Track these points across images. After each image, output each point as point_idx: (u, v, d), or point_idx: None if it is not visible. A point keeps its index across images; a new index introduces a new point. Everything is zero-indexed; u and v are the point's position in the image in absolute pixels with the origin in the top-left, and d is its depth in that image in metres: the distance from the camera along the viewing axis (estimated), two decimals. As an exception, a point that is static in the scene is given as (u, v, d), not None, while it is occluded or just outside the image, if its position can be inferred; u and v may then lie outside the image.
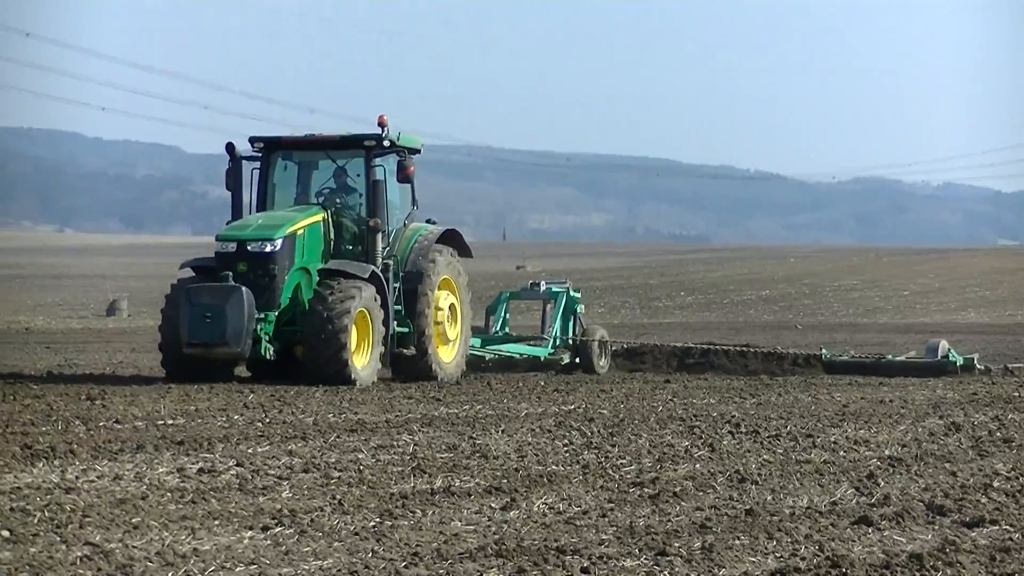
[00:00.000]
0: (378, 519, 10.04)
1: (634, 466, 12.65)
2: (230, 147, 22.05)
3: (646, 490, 11.38)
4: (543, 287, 26.26)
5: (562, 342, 25.66)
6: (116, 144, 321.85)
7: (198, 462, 12.27)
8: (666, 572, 8.71)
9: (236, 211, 21.97)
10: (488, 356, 24.91)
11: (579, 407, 17.94)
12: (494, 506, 10.65)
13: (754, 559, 9.02)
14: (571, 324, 25.80)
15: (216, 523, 9.76)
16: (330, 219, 21.72)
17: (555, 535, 9.58)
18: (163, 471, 11.78)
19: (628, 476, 12.11)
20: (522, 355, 25.32)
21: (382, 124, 21.90)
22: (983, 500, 11.11)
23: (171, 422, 15.39)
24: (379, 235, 21.63)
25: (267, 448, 13.29)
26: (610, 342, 26.27)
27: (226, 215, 22.43)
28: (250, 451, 13.05)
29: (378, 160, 21.93)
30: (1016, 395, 20.35)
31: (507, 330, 25.98)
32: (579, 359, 25.51)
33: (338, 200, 22.10)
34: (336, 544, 9.23)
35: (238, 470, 11.93)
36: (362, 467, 12.25)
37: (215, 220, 21.62)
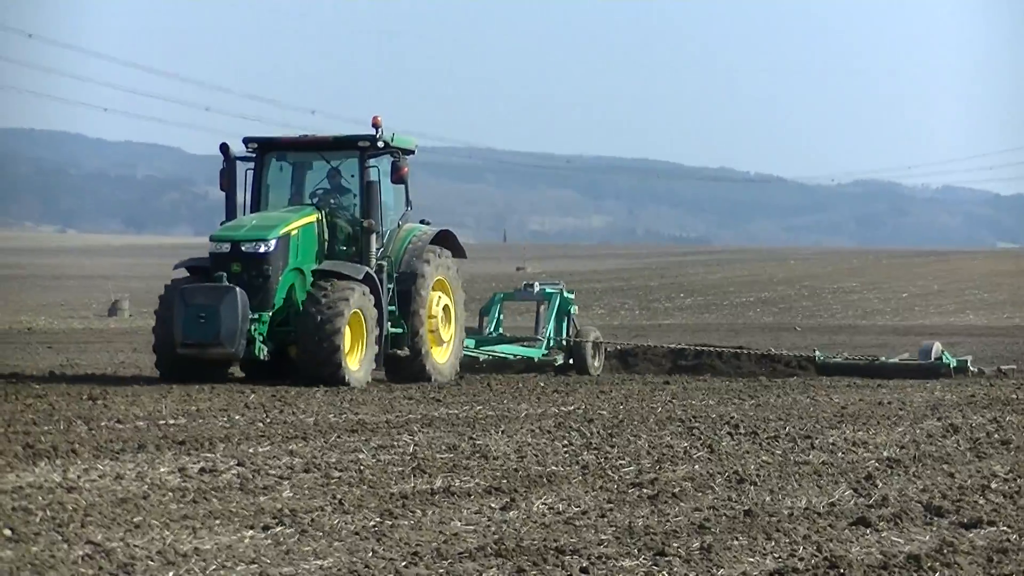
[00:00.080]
0: (378, 519, 10.08)
1: (633, 467, 12.69)
2: (224, 148, 22.04)
3: (645, 491, 11.41)
4: (537, 288, 26.30)
5: (556, 343, 25.68)
6: (118, 145, 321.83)
7: (199, 462, 12.31)
8: (665, 572, 8.75)
9: (230, 212, 21.93)
10: (482, 357, 24.95)
11: (579, 408, 17.98)
12: (494, 506, 10.69)
13: (752, 559, 9.06)
14: (565, 325, 25.85)
15: (217, 522, 9.80)
16: (324, 220, 21.72)
17: (554, 535, 9.62)
18: (164, 471, 11.82)
19: (627, 477, 12.14)
20: (516, 356, 25.36)
21: (376, 125, 21.90)
22: (981, 501, 11.15)
23: (172, 422, 15.43)
24: (373, 236, 21.62)
25: (268, 448, 13.33)
26: (604, 343, 26.33)
27: (227, 216, 22.42)
28: (251, 451, 13.09)
29: (372, 161, 21.91)
30: (1014, 397, 20.39)
31: (501, 331, 26.02)
32: (573, 360, 25.54)
33: (332, 201, 22.08)
34: (336, 544, 9.26)
35: (239, 470, 11.97)
36: (362, 467, 12.29)
37: (216, 221, 21.51)
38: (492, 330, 25.70)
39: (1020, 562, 9.13)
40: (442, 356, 22.59)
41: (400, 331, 21.90)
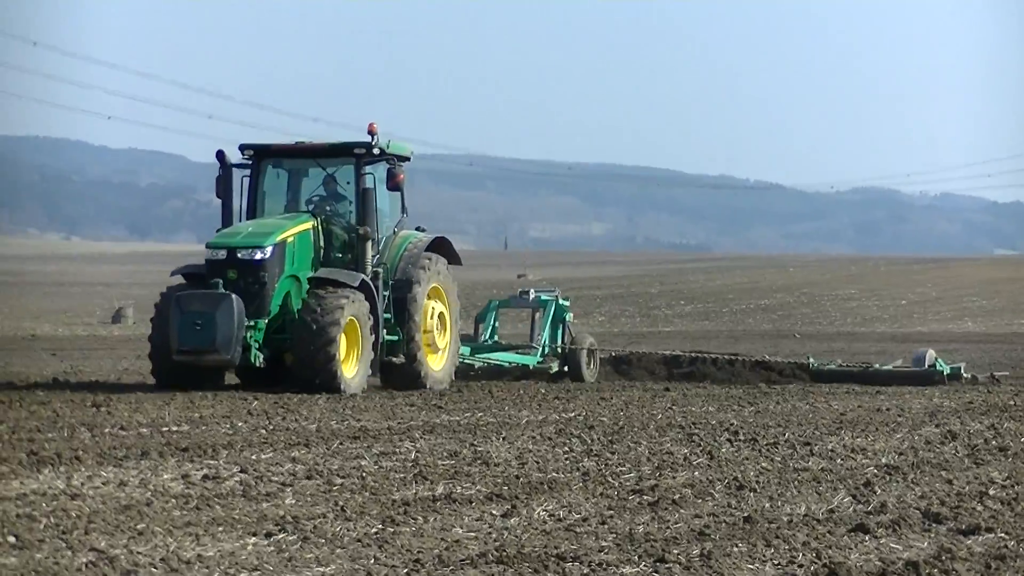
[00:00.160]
0: (380, 525, 10.12)
1: (634, 473, 12.74)
2: (220, 155, 22.07)
3: (645, 497, 11.45)
4: (532, 295, 26.36)
5: (551, 350, 25.74)
6: (121, 152, 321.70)
7: (202, 468, 12.35)
8: (665, 578, 8.80)
9: (227, 219, 21.97)
10: (477, 364, 25.00)
11: (579, 415, 18.03)
12: (495, 513, 10.72)
13: (752, 566, 9.10)
14: (560, 332, 25.91)
15: (220, 529, 9.84)
16: (320, 227, 21.76)
17: (555, 542, 9.66)
18: (168, 477, 11.86)
19: (628, 483, 12.19)
20: (511, 363, 25.42)
21: (372, 132, 21.95)
22: (979, 508, 11.19)
23: (176, 429, 15.49)
24: (369, 243, 21.67)
25: (270, 455, 13.38)
26: (599, 350, 26.40)
27: (229, 223, 22.46)
28: (254, 458, 13.14)
29: (368, 168, 21.96)
30: (1012, 404, 20.44)
31: (496, 338, 26.07)
32: (568, 367, 25.61)
33: (328, 208, 22.13)
34: (339, 550, 9.30)
35: (242, 476, 12.01)
36: (364, 474, 12.34)
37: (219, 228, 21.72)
38: (487, 337, 25.77)
39: (1018, 568, 9.18)
40: (437, 363, 22.63)
41: (396, 338, 21.94)
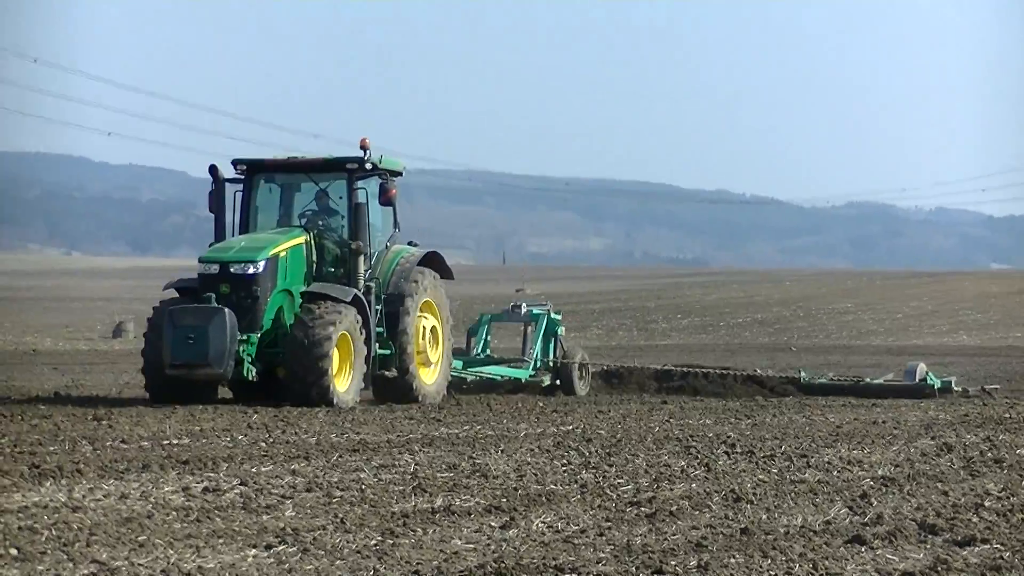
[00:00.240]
0: (380, 537, 10.16)
1: (631, 486, 12.78)
2: (213, 169, 22.09)
3: (643, 509, 11.49)
4: (524, 310, 26.44)
5: (543, 364, 25.81)
6: (122, 168, 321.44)
7: (203, 481, 12.40)
8: (662, 589, 8.86)
9: (219, 233, 21.98)
10: (469, 378, 25.05)
11: (577, 428, 18.08)
12: (494, 525, 10.76)
13: (749, 576, 9.17)
14: (552, 346, 25.99)
15: (220, 541, 9.88)
16: (312, 241, 21.80)
17: (553, 553, 9.70)
18: (168, 490, 11.91)
19: (625, 495, 12.23)
20: (503, 377, 25.48)
21: (364, 147, 22.02)
22: (974, 519, 11.22)
23: (176, 442, 15.54)
24: (361, 257, 21.72)
25: (271, 468, 13.43)
26: (590, 364, 26.47)
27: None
28: (254, 470, 13.18)
29: (360, 183, 22.01)
30: (1007, 416, 20.50)
31: (488, 352, 26.13)
32: (559, 381, 25.67)
33: (320, 222, 22.17)
34: (338, 562, 9.34)
35: (242, 489, 12.06)
36: (364, 486, 12.38)
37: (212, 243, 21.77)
38: (480, 351, 25.84)
39: (1012, 579, 9.25)
40: (430, 377, 22.69)
41: (388, 352, 22.00)
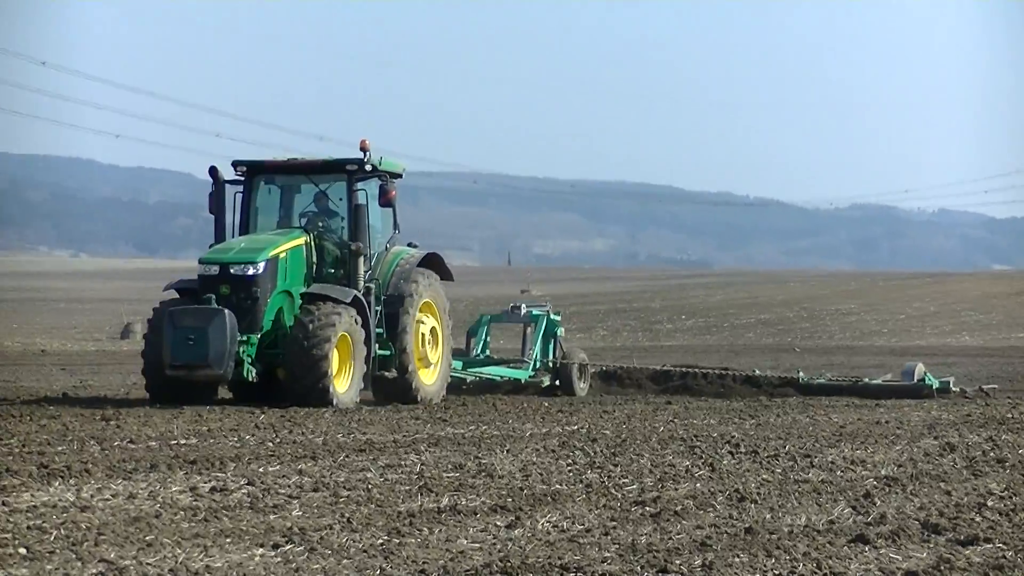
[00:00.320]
0: (386, 537, 10.20)
1: (636, 485, 12.81)
2: (213, 171, 22.11)
3: (648, 509, 11.52)
4: (523, 310, 26.47)
5: (542, 365, 25.84)
6: (129, 171, 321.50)
7: (210, 481, 12.45)
8: (667, 588, 8.90)
9: (219, 234, 22.02)
10: (469, 378, 25.09)
11: (582, 428, 18.12)
12: (499, 524, 10.79)
13: None
14: (551, 347, 26.02)
15: (228, 541, 9.92)
16: (312, 243, 21.84)
17: (559, 553, 9.73)
18: (176, 490, 11.96)
19: (630, 495, 12.26)
20: (503, 378, 25.51)
21: (364, 149, 22.05)
22: (977, 519, 11.25)
23: (184, 442, 15.60)
24: (361, 259, 21.75)
25: (278, 467, 13.48)
26: (590, 364, 26.51)
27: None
28: (261, 470, 13.23)
29: (360, 184, 22.05)
30: (1009, 416, 20.52)
31: (488, 353, 26.17)
32: (559, 381, 25.71)
33: (320, 224, 22.20)
34: (345, 561, 9.37)
35: (249, 489, 12.10)
36: (370, 486, 12.42)
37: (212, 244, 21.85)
38: (479, 352, 25.87)
39: (1015, 578, 9.28)
40: (429, 377, 22.73)
41: (388, 353, 22.04)
